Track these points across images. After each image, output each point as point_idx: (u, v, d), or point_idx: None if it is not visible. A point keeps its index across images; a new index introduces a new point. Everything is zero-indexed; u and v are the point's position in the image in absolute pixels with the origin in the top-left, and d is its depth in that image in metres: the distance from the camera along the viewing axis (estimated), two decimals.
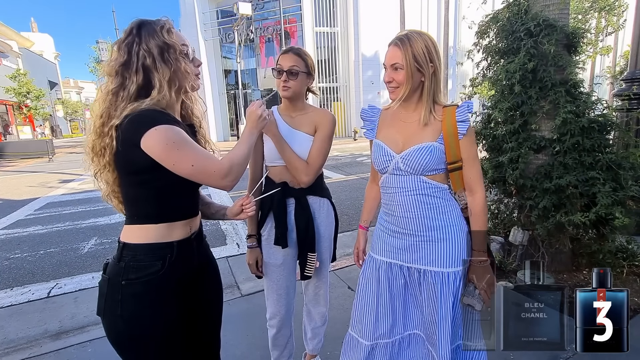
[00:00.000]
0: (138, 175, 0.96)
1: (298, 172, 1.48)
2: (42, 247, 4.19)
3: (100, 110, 0.96)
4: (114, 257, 1.00)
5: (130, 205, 1.00)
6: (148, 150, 0.89)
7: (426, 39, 1.14)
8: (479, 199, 1.22)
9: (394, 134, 1.26)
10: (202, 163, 0.92)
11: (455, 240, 1.22)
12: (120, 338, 0.98)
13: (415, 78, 1.14)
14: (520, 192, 2.62)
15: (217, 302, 1.24)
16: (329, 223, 1.64)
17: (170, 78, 0.97)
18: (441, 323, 1.19)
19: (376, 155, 1.28)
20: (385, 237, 1.33)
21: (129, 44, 0.96)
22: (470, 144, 1.19)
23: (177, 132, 0.92)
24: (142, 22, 0.98)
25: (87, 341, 2.22)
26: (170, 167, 0.91)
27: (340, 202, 5.66)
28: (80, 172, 10.38)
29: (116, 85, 0.96)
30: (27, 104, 20.61)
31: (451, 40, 18.87)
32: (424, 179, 1.20)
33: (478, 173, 1.21)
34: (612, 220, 2.23)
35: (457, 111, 1.17)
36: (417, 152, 1.17)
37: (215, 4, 19.73)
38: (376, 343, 1.31)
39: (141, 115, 0.91)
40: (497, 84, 2.66)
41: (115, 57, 0.97)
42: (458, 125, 1.16)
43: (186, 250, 1.04)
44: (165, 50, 0.97)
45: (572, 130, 2.28)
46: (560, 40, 2.38)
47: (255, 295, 2.69)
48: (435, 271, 1.21)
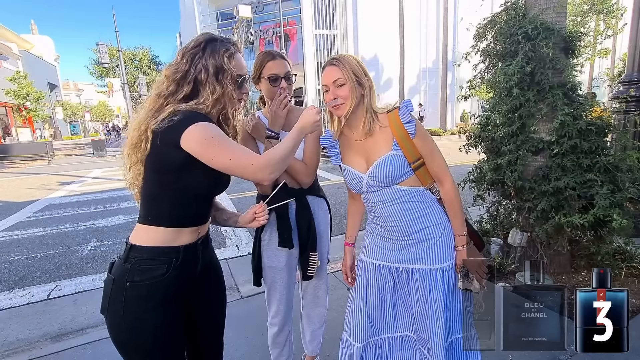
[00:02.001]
0: (163, 175, 0.99)
1: (298, 174, 1.49)
2: (41, 249, 4.19)
3: (147, 109, 1.02)
4: (120, 257, 1.02)
5: (146, 204, 1.03)
6: (187, 146, 0.93)
7: (355, 57, 1.21)
8: (449, 187, 1.25)
9: (354, 156, 1.29)
10: (239, 157, 0.96)
11: (439, 238, 1.26)
12: (123, 338, 0.99)
13: (357, 92, 1.19)
14: (518, 194, 2.63)
15: (219, 305, 1.25)
16: (327, 222, 1.66)
17: (218, 97, 1.03)
18: (432, 320, 1.21)
19: (348, 179, 1.32)
20: (374, 240, 1.36)
21: (192, 55, 1.02)
22: (424, 140, 1.22)
23: (215, 128, 0.97)
24: (211, 38, 1.05)
25: (87, 343, 2.22)
26: (209, 161, 0.94)
27: (339, 204, 5.66)
28: (80, 174, 10.39)
29: (170, 91, 1.02)
30: (26, 106, 20.61)
31: (450, 42, 18.94)
32: (397, 187, 1.23)
33: (441, 163, 1.25)
34: (610, 222, 2.24)
35: (399, 114, 1.20)
36: (379, 166, 1.21)
37: (215, 6, 19.79)
38: (366, 343, 1.33)
39: (181, 114, 0.96)
40: (495, 86, 2.68)
41: (178, 64, 1.03)
42: (406, 126, 1.20)
43: (191, 255, 1.06)
44: (220, 72, 1.03)
45: (570, 133, 2.30)
46: (558, 44, 2.39)
47: (254, 297, 2.69)
48: (423, 269, 1.25)
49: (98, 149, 17.14)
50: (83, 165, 13.18)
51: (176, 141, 0.93)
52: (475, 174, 2.93)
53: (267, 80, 1.47)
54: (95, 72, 34.97)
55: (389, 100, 16.77)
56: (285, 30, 17.26)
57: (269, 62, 1.46)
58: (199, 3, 19.14)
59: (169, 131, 0.94)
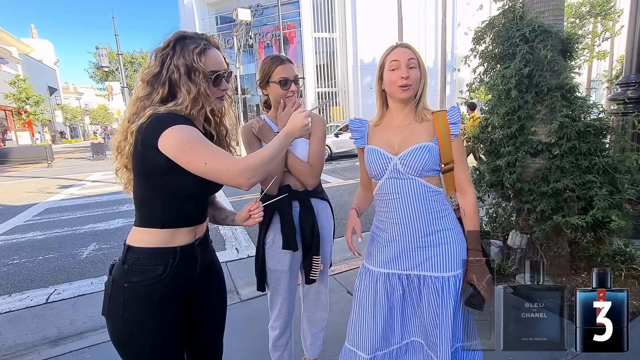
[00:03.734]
0: (150, 178, 0.98)
1: (304, 176, 1.51)
2: (40, 252, 4.17)
3: (129, 114, 1.02)
4: (119, 259, 1.02)
5: (139, 208, 1.03)
6: (164, 149, 0.91)
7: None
8: (471, 199, 1.25)
9: (388, 138, 1.26)
10: (216, 161, 0.92)
11: (454, 243, 1.22)
12: (122, 340, 0.99)
13: (423, 80, 1.21)
14: (518, 196, 2.63)
15: (220, 307, 1.25)
16: (330, 225, 1.66)
17: (195, 97, 1.00)
18: (442, 327, 1.18)
19: (371, 160, 1.26)
20: (380, 247, 1.31)
21: (163, 56, 1.00)
22: (461, 145, 1.24)
23: (192, 132, 0.94)
24: (180, 36, 1.02)
25: (86, 347, 2.21)
26: (186, 165, 0.92)
27: (339, 207, 5.66)
28: (79, 178, 10.38)
29: (145, 93, 1.01)
30: (26, 110, 20.63)
31: (449, 46, 19.01)
32: (422, 182, 1.20)
33: (468, 174, 1.25)
34: (609, 224, 2.24)
35: (448, 113, 1.22)
36: (415, 151, 1.18)
37: (215, 10, 19.88)
38: (374, 355, 1.29)
39: (158, 117, 0.95)
40: (493, 88, 2.69)
41: (151, 66, 1.02)
42: (450, 126, 1.20)
43: (189, 256, 1.05)
44: (192, 71, 1.00)
45: (569, 134, 2.30)
46: (556, 46, 2.41)
47: (254, 300, 2.68)
48: (436, 276, 1.21)
49: (97, 152, 17.13)
50: (82, 168, 13.18)
51: (155, 145, 0.91)
52: (474, 175, 2.93)
53: (278, 84, 1.49)
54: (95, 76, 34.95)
55: None
56: (284, 33, 17.34)
57: (278, 66, 1.49)
58: (199, 7, 19.23)
59: (147, 135, 0.93)
